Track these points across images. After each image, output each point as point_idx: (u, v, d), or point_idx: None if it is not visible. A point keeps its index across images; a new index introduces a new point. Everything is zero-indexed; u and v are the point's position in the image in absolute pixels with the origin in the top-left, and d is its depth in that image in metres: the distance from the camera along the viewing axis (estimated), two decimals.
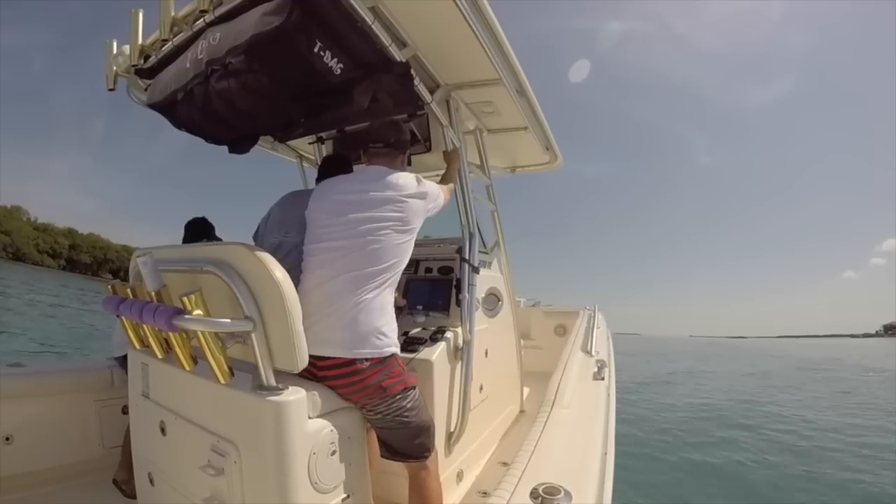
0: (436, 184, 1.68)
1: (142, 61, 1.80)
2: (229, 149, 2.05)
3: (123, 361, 2.01)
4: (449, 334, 2.02)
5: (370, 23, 1.42)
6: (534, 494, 1.17)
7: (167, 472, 1.53)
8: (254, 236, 2.15)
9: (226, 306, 1.20)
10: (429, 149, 2.50)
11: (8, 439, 2.08)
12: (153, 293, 1.30)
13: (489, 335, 2.40)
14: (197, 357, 1.25)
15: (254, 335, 1.15)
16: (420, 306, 2.31)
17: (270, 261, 1.18)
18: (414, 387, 1.50)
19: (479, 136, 2.59)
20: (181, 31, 1.64)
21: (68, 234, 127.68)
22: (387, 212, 1.45)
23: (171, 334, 1.23)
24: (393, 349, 1.44)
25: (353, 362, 1.36)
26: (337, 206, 1.48)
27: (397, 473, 1.91)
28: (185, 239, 2.44)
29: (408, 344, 1.92)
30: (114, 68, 1.85)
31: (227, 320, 1.14)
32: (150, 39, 1.77)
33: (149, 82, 1.82)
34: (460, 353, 2.04)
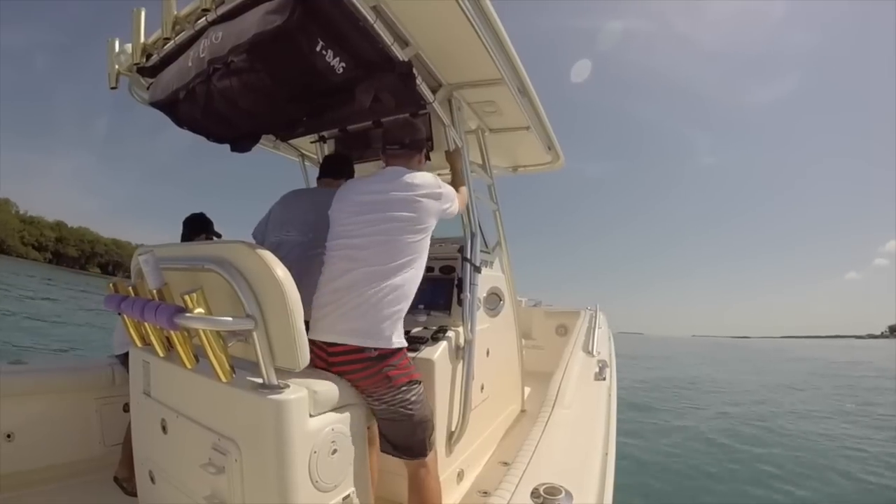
0: (452, 188, 1.71)
1: (144, 60, 1.80)
2: (231, 147, 2.05)
3: (124, 359, 2.02)
4: (450, 333, 2.02)
5: (372, 22, 1.42)
6: (534, 494, 1.16)
7: (168, 470, 1.53)
8: (254, 234, 2.16)
9: (227, 304, 1.20)
10: (431, 148, 2.51)
11: (9, 437, 2.09)
12: (154, 291, 1.30)
13: (490, 335, 2.40)
14: (198, 355, 1.25)
15: (255, 333, 1.15)
16: (421, 305, 2.30)
17: (272, 259, 1.18)
18: (419, 382, 1.55)
19: (480, 135, 2.59)
20: (183, 30, 1.64)
21: (56, 227, 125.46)
22: (401, 211, 1.50)
23: (172, 332, 1.23)
24: (401, 343, 1.50)
25: (361, 350, 1.42)
26: (356, 206, 1.55)
27: (398, 473, 1.91)
28: (184, 235, 2.45)
29: (409, 343, 1.92)
30: (116, 67, 1.85)
31: (228, 318, 1.14)
32: (153, 38, 1.77)
33: (151, 81, 1.82)
34: (461, 353, 2.04)
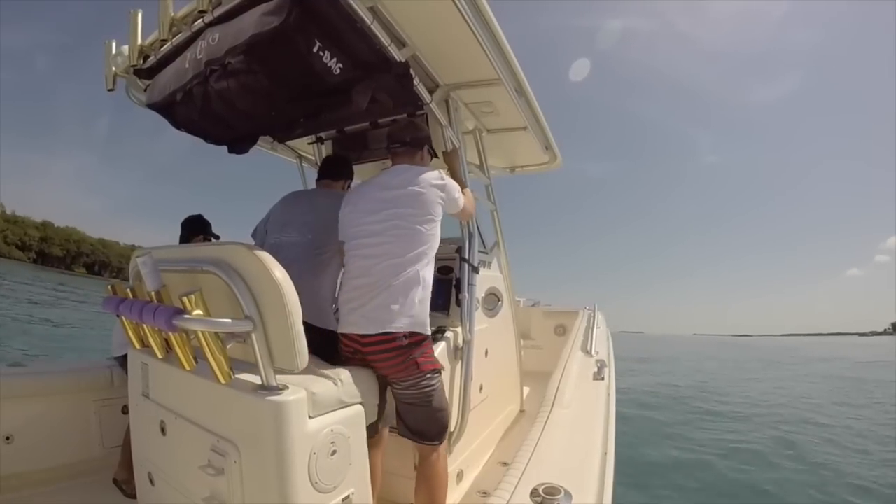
0: (455, 182, 1.79)
1: (141, 62, 1.80)
2: (229, 149, 2.05)
3: (123, 361, 2.02)
4: (449, 334, 2.02)
5: (369, 23, 1.42)
6: (534, 494, 1.17)
7: (167, 471, 1.53)
8: (252, 235, 2.16)
9: (226, 306, 1.20)
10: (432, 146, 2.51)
11: (8, 439, 2.09)
12: (153, 293, 1.30)
13: (489, 335, 2.40)
14: (197, 357, 1.25)
15: (254, 335, 1.15)
16: None
17: (270, 260, 1.18)
18: (440, 371, 1.67)
19: (478, 135, 2.59)
20: (180, 32, 1.64)
21: (41, 226, 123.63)
22: (409, 206, 1.61)
23: (171, 334, 1.23)
24: (428, 332, 1.62)
25: (393, 339, 1.54)
26: (370, 205, 1.67)
27: (398, 473, 1.91)
28: (183, 236, 2.44)
29: None
30: (113, 69, 1.85)
31: (227, 320, 1.14)
32: (150, 40, 1.77)
33: (148, 83, 1.82)
34: (460, 353, 2.04)
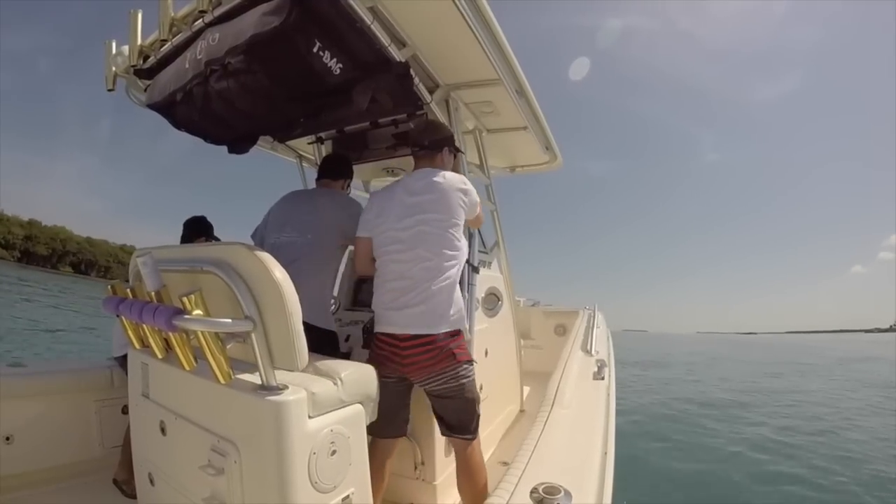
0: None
1: (141, 62, 1.80)
2: (229, 149, 2.05)
3: (123, 361, 2.01)
4: None
5: (369, 23, 1.42)
6: (534, 494, 1.16)
7: (167, 471, 1.53)
8: (252, 235, 2.16)
9: (226, 306, 1.20)
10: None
11: (8, 439, 2.08)
12: (153, 293, 1.30)
13: (489, 335, 2.40)
14: (197, 357, 1.25)
15: (254, 335, 1.15)
16: None
17: (270, 261, 1.18)
18: (473, 363, 1.71)
19: (478, 135, 2.60)
20: (180, 32, 1.64)
21: (27, 224, 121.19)
22: (434, 211, 1.65)
23: (170, 334, 1.23)
24: (460, 325, 1.67)
25: (434, 339, 1.59)
26: (395, 210, 1.70)
27: (398, 473, 1.91)
28: (184, 236, 2.45)
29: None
30: (113, 69, 1.85)
31: (227, 320, 1.14)
32: (150, 40, 1.77)
33: (148, 83, 1.82)
34: None
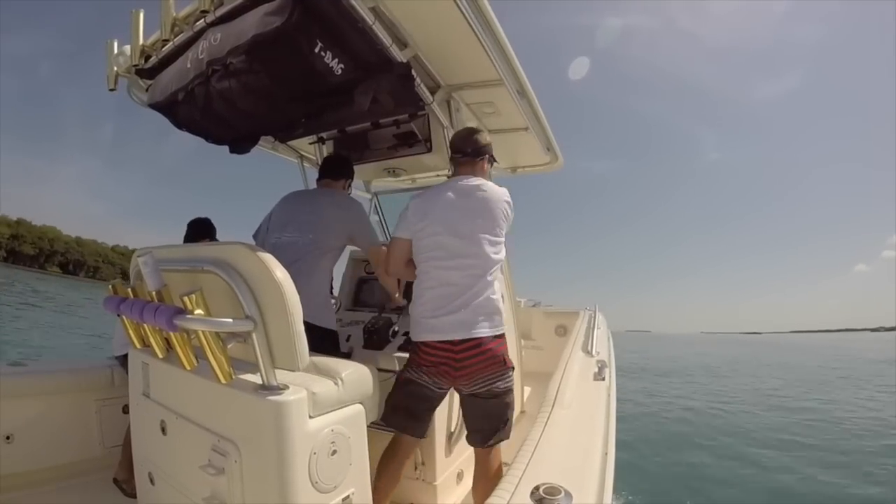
0: None
1: (142, 61, 1.80)
2: (230, 149, 2.05)
3: (124, 360, 2.02)
4: None
5: (371, 23, 1.42)
6: (534, 495, 1.16)
7: (167, 471, 1.53)
8: (254, 235, 2.16)
9: (226, 306, 1.20)
10: (429, 149, 2.50)
11: (8, 438, 2.08)
12: (154, 293, 1.30)
13: None
14: (197, 356, 1.25)
15: (254, 335, 1.15)
16: None
17: (271, 260, 1.18)
18: (513, 368, 1.74)
19: None
20: (182, 32, 1.64)
21: (14, 223, 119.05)
22: (480, 217, 1.68)
23: (171, 334, 1.23)
24: (504, 330, 1.70)
25: (481, 342, 1.61)
26: (443, 215, 1.70)
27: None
28: (188, 236, 2.45)
29: (408, 344, 1.92)
30: (114, 68, 1.85)
31: (227, 320, 1.14)
32: (151, 40, 1.77)
33: (149, 82, 1.82)
34: None
